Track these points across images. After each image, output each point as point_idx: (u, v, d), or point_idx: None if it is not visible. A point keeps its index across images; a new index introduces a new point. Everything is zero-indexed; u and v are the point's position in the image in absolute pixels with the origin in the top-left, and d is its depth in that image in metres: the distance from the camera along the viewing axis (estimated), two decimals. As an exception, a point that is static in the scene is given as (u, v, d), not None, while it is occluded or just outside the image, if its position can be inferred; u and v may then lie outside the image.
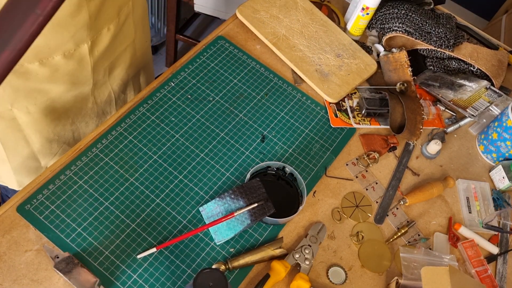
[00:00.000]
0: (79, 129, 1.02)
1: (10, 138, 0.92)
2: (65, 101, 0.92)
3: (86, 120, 1.02)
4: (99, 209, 0.79)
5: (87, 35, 0.84)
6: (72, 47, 0.83)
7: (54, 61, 0.82)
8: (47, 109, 0.90)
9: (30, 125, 0.91)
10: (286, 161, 0.91)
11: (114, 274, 0.74)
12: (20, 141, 0.93)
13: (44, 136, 0.95)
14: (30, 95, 0.85)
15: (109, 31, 0.89)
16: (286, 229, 0.83)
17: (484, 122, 1.05)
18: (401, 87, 1.02)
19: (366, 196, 0.90)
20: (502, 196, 0.95)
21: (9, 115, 0.87)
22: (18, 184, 1.03)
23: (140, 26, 1.02)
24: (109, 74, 0.99)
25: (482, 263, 0.86)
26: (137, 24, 1.00)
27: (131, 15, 0.96)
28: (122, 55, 1.00)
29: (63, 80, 0.87)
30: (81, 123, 1.01)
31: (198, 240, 0.79)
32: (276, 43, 1.03)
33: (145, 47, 1.11)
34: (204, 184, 0.85)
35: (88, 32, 0.84)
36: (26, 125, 0.90)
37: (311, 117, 0.98)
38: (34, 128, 0.92)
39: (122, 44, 0.98)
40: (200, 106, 0.94)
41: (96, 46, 0.88)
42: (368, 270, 0.82)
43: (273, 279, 0.76)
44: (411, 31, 1.06)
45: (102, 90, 1.01)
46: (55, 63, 0.83)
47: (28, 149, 0.96)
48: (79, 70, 0.89)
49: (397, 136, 0.98)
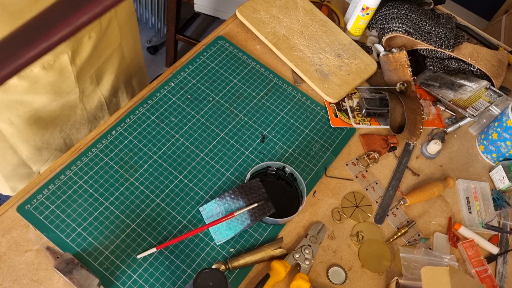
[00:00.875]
0: (71, 136, 1.01)
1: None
2: (51, 110, 0.90)
3: (77, 127, 1.01)
4: (99, 209, 0.79)
5: (66, 46, 0.82)
6: (51, 58, 0.81)
7: (32, 74, 0.81)
8: (31, 119, 0.89)
9: (15, 135, 0.89)
10: (286, 161, 0.91)
11: (114, 274, 0.74)
12: (7, 151, 0.92)
13: (32, 145, 0.94)
14: (12, 107, 0.84)
15: (91, 38, 0.87)
16: (286, 229, 0.83)
17: (484, 122, 1.05)
18: (401, 87, 1.02)
19: (366, 196, 0.90)
20: (502, 196, 0.95)
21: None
22: (12, 189, 1.02)
23: (126, 28, 1.00)
24: (97, 80, 0.97)
25: (482, 263, 0.86)
26: (122, 27, 0.97)
27: (114, 19, 0.93)
28: (109, 60, 0.98)
29: (45, 91, 0.86)
30: (71, 130, 1.00)
31: (198, 240, 0.79)
32: (276, 43, 1.03)
33: (134, 49, 1.08)
34: (204, 184, 0.85)
35: (67, 43, 0.81)
36: (11, 135, 0.89)
37: (311, 117, 0.98)
38: (20, 138, 0.90)
39: (107, 49, 0.95)
40: (200, 106, 0.94)
41: (77, 55, 0.86)
42: (368, 270, 0.82)
43: (273, 279, 0.76)
44: (411, 31, 1.06)
45: (92, 97, 0.99)
46: (34, 75, 0.81)
47: (16, 157, 0.95)
48: (61, 80, 0.87)
49: (397, 136, 0.98)
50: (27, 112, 0.87)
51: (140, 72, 1.17)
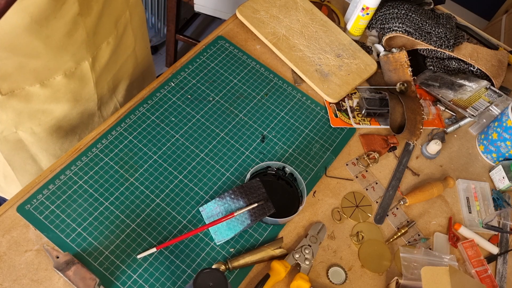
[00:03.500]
0: None
1: (17, 159, 0.91)
2: (71, 118, 0.91)
3: None
4: (99, 209, 0.79)
5: (86, 52, 0.83)
6: (72, 65, 0.82)
7: (55, 82, 0.81)
8: (52, 128, 0.89)
9: (36, 144, 0.90)
10: (286, 161, 0.91)
11: (114, 274, 0.74)
12: (27, 160, 0.92)
13: (51, 154, 0.94)
14: (34, 116, 0.85)
15: (109, 44, 0.88)
16: (286, 229, 0.83)
17: (484, 122, 1.05)
18: (401, 87, 1.02)
19: (366, 196, 0.90)
20: (502, 196, 0.95)
21: (14, 138, 0.86)
22: None
23: (139, 33, 1.01)
24: (113, 87, 0.98)
25: (482, 263, 0.86)
26: (136, 32, 0.99)
27: (129, 24, 0.94)
28: (124, 65, 0.99)
29: (66, 99, 0.86)
30: None
31: (198, 240, 0.79)
32: (276, 43, 1.03)
33: (145, 52, 1.10)
34: (204, 184, 0.85)
35: (88, 49, 0.82)
36: (32, 145, 0.90)
37: (311, 117, 0.98)
38: (40, 147, 0.91)
39: (124, 54, 0.97)
40: (200, 106, 0.94)
41: (97, 61, 0.87)
42: (368, 270, 0.82)
43: (273, 279, 0.76)
44: (411, 31, 1.06)
45: (108, 104, 1.00)
46: (56, 83, 0.82)
47: (36, 166, 0.95)
48: (81, 87, 0.88)
49: (397, 136, 0.98)
50: (48, 121, 0.87)
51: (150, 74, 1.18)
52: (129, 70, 1.02)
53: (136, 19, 0.98)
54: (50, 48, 0.75)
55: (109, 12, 0.85)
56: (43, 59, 0.76)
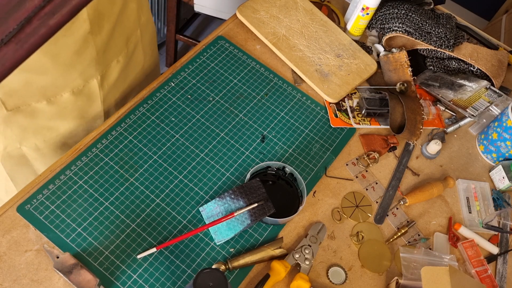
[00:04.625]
0: None
1: (19, 175, 0.91)
2: (76, 135, 0.91)
3: None
4: (99, 209, 0.79)
5: (95, 70, 0.82)
6: (80, 83, 0.81)
7: (62, 99, 0.81)
8: (57, 144, 0.89)
9: (39, 160, 0.89)
10: (286, 161, 0.91)
11: (114, 274, 0.74)
12: (30, 176, 0.92)
13: None
14: (39, 133, 0.84)
15: (119, 62, 0.88)
16: (286, 229, 0.83)
17: (484, 122, 1.05)
18: (401, 87, 1.02)
19: (366, 196, 0.90)
20: (502, 196, 0.95)
21: (18, 153, 0.86)
22: None
23: (149, 50, 1.00)
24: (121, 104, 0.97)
25: (482, 263, 0.86)
26: (146, 50, 0.98)
27: (139, 42, 0.93)
28: (133, 82, 0.98)
29: (72, 116, 0.86)
30: None
31: (198, 240, 0.79)
32: (276, 43, 1.03)
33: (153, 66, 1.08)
34: (204, 184, 0.85)
35: (97, 67, 0.82)
36: (35, 160, 0.89)
37: (311, 117, 0.98)
38: (44, 163, 0.90)
39: (133, 72, 0.96)
40: (200, 106, 0.94)
41: (106, 79, 0.87)
42: (368, 270, 0.82)
43: (273, 279, 0.76)
44: (411, 31, 1.06)
45: None
46: (63, 100, 0.81)
47: None
48: (89, 105, 0.87)
49: (397, 136, 0.98)
50: (53, 138, 0.87)
51: None
52: (138, 86, 1.01)
53: (147, 37, 0.98)
54: (58, 65, 0.74)
55: (120, 30, 0.84)
56: (51, 76, 0.75)
